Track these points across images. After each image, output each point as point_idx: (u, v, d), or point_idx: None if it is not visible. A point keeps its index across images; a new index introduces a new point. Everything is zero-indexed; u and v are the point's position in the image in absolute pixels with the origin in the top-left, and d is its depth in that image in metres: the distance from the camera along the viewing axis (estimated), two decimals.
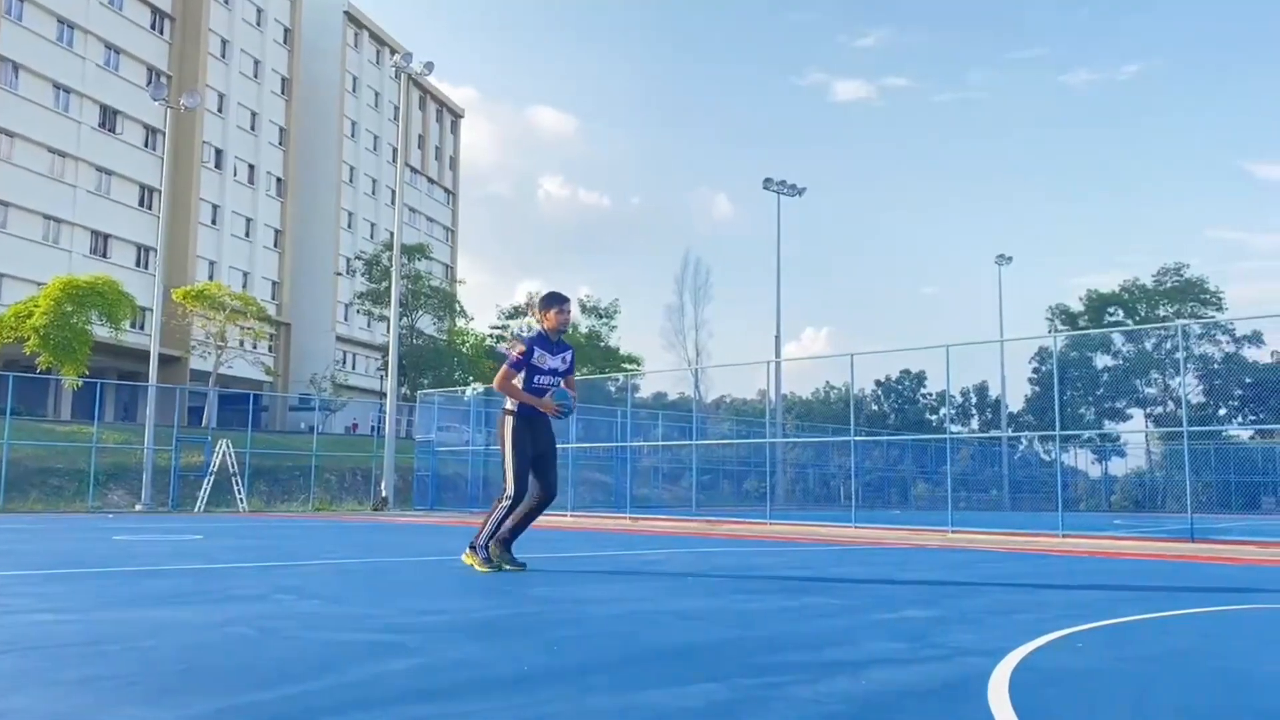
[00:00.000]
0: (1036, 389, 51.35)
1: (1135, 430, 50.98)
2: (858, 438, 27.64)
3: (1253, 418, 46.58)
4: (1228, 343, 49.22)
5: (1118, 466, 44.50)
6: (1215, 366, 48.71)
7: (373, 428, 41.56)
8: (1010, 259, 50.35)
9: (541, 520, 22.69)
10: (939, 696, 3.00)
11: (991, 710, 2.77)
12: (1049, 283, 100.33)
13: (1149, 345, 49.66)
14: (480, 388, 32.21)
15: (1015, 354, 51.44)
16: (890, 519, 23.95)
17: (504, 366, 7.13)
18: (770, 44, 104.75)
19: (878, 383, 63.00)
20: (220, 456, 26.84)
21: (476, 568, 7.23)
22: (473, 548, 7.28)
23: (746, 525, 19.58)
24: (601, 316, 57.05)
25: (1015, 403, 53.19)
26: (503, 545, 7.28)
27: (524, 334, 6.71)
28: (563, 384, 7.30)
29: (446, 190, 75.33)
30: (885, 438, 43.67)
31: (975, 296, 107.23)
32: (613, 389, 42.11)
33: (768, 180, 43.08)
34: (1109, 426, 49.45)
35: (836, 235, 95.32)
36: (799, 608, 5.36)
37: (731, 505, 33.10)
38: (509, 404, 7.17)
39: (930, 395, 61.60)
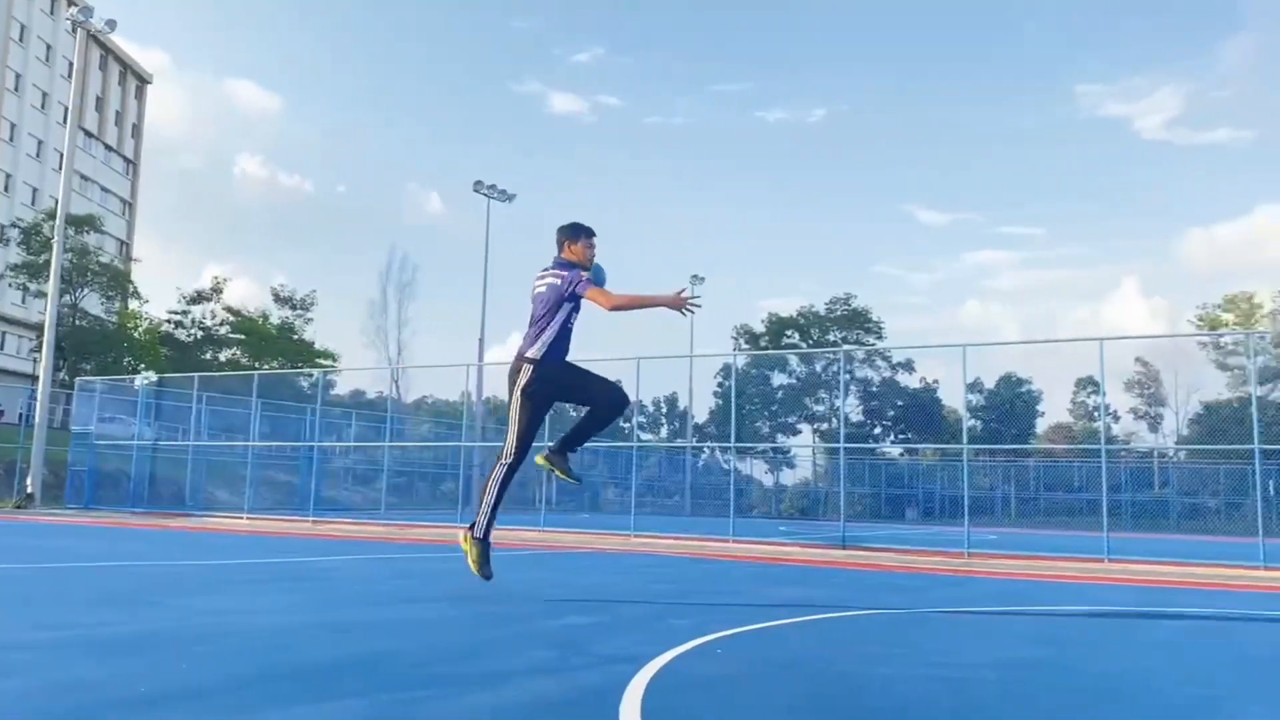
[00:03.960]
0: (720, 402, 54.35)
1: (803, 445, 55.14)
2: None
3: (903, 436, 51.94)
4: (885, 368, 54.49)
5: (788, 477, 47.88)
6: (874, 389, 53.77)
7: (21, 415, 37.21)
8: (703, 279, 52.97)
9: (208, 523, 21.14)
10: (576, 706, 3.07)
11: (621, 718, 2.86)
12: (738, 303, 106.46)
13: (819, 367, 53.97)
14: (154, 376, 29.64)
15: (704, 369, 54.15)
16: (579, 523, 24.43)
17: (593, 287, 5.96)
18: (491, 48, 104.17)
19: None
20: None
21: (470, 562, 6.06)
22: (473, 535, 6.08)
23: (437, 529, 19.27)
24: (296, 308, 54.32)
25: (701, 414, 56.09)
26: (560, 454, 6.42)
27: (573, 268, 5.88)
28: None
29: (126, 160, 68.98)
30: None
31: None
32: (305, 385, 40.22)
33: (478, 183, 42.77)
34: (781, 440, 53.24)
35: (547, 243, 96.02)
36: (465, 617, 5.33)
37: (426, 509, 32.49)
38: (531, 352, 6.06)
39: None
